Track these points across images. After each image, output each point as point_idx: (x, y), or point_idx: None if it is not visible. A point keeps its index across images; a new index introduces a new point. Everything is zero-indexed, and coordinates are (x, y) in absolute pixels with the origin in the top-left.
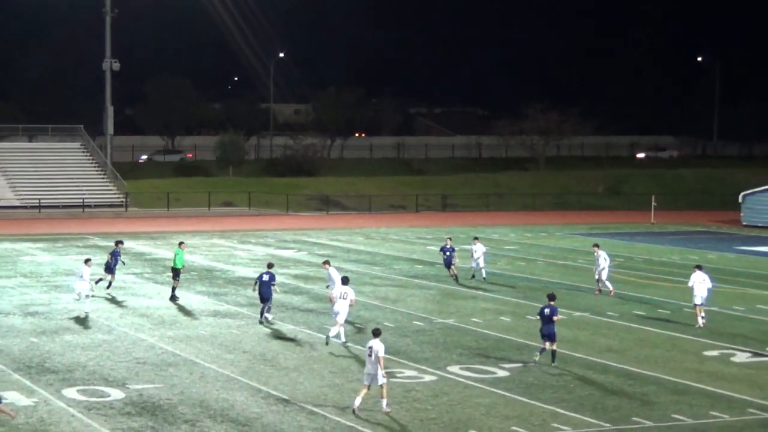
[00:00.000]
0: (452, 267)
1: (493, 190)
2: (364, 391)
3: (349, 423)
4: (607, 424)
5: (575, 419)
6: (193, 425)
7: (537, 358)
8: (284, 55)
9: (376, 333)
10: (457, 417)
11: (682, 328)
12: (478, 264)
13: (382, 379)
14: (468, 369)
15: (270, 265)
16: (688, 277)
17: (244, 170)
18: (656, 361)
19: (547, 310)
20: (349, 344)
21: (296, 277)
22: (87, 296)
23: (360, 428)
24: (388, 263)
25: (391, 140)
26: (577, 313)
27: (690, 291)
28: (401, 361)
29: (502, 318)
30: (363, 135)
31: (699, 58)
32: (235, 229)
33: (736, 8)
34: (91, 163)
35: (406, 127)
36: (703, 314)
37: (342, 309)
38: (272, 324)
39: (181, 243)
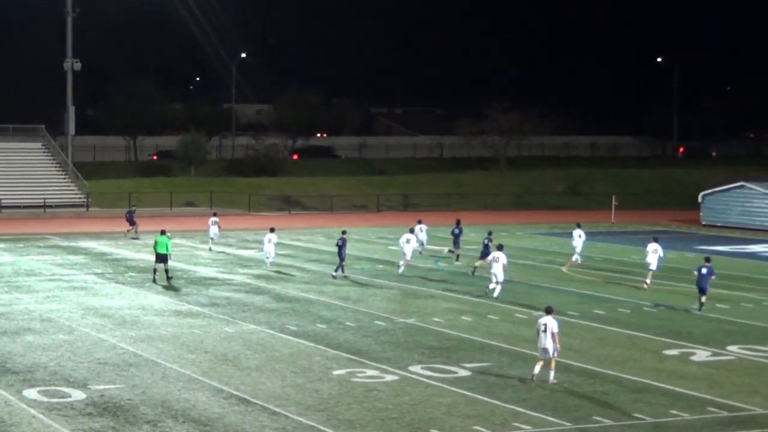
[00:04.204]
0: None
1: (454, 189)
2: (540, 363)
3: (310, 423)
4: (568, 423)
5: (536, 418)
6: (155, 425)
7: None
8: (246, 55)
9: (549, 311)
10: (419, 416)
11: (642, 328)
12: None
13: (553, 353)
14: (429, 368)
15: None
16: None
17: (207, 170)
18: (616, 360)
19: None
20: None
21: (258, 277)
22: None
23: (322, 428)
24: (349, 263)
25: (352, 140)
26: (538, 313)
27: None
28: (363, 360)
29: (463, 317)
30: (325, 135)
31: (659, 59)
32: (196, 229)
33: (695, 9)
34: (53, 163)
35: (368, 127)
36: (649, 280)
37: (498, 271)
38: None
39: (163, 231)
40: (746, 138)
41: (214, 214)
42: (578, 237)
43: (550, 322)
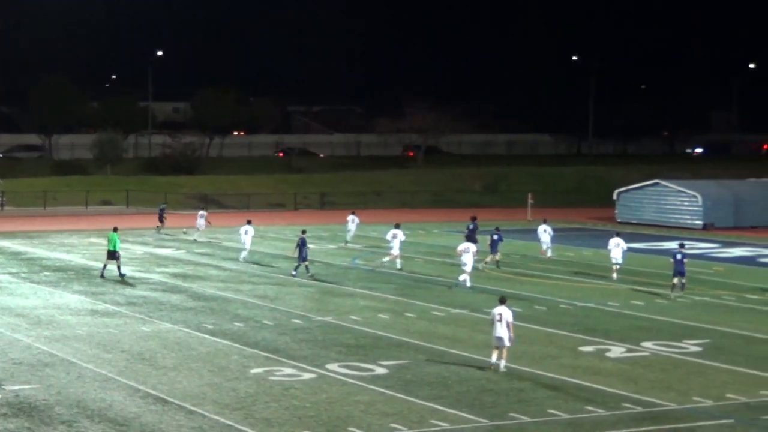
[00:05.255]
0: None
1: (372, 188)
2: (496, 352)
3: (227, 422)
4: (485, 420)
5: (453, 415)
6: (70, 426)
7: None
8: (163, 53)
9: (503, 300)
10: (336, 415)
11: (558, 325)
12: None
13: (508, 342)
14: (347, 366)
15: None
16: (563, 273)
17: (123, 169)
18: (533, 357)
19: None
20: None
21: (175, 275)
22: None
23: (239, 426)
24: (266, 261)
25: (270, 138)
26: (455, 310)
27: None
28: (280, 359)
29: (380, 315)
30: (242, 133)
31: (574, 57)
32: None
33: (612, 8)
34: None
35: (285, 125)
36: (615, 275)
37: (468, 260)
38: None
39: (115, 228)
40: (661, 137)
41: (203, 208)
42: (543, 232)
43: (505, 312)
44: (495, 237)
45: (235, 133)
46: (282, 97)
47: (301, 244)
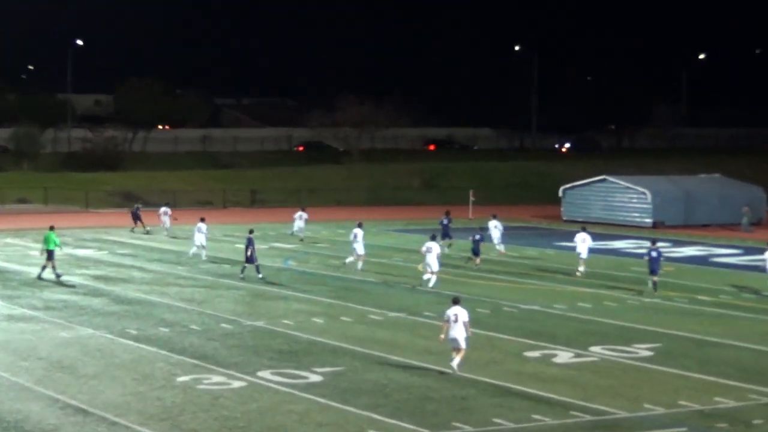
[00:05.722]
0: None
1: (305, 184)
2: (455, 353)
3: None
4: (426, 430)
5: (392, 425)
6: None
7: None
8: (84, 42)
9: (456, 300)
10: (268, 425)
11: (502, 329)
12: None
13: (464, 343)
14: (279, 374)
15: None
16: (507, 273)
17: (41, 165)
18: (476, 363)
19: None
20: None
21: (96, 278)
22: None
23: None
24: (193, 262)
25: (197, 133)
26: (393, 314)
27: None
28: (209, 366)
29: (314, 319)
30: (167, 128)
31: (516, 47)
32: (29, 227)
33: None
34: None
35: (213, 119)
36: (582, 268)
37: (432, 261)
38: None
39: (51, 227)
40: (607, 130)
41: (167, 204)
42: (494, 228)
43: (461, 312)
44: (477, 237)
45: (161, 127)
46: (210, 89)
47: (248, 245)
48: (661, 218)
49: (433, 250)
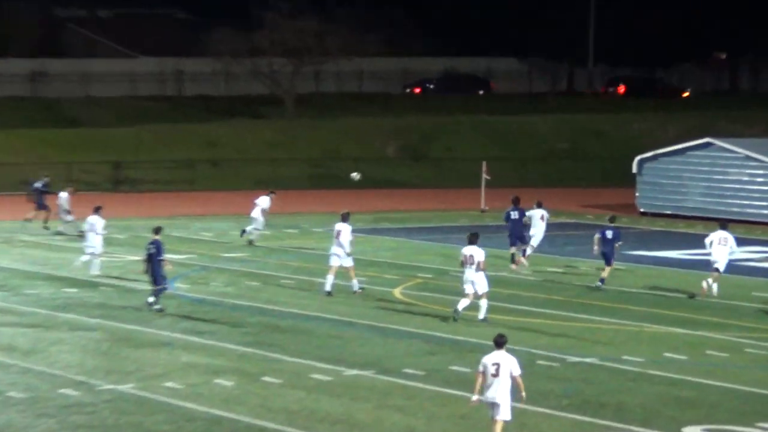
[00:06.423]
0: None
1: (202, 153)
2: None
3: None
4: None
5: None
6: None
7: None
8: None
9: (500, 343)
10: None
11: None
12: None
13: (508, 415)
14: None
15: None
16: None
17: None
18: None
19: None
20: None
21: None
22: None
23: None
24: (14, 285)
25: (23, 65)
26: (351, 371)
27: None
28: None
29: (217, 381)
30: None
31: None
32: None
33: None
34: None
35: (52, 42)
36: (714, 286)
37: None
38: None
39: None
40: (712, 63)
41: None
42: (540, 220)
43: (507, 361)
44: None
45: None
46: None
47: (152, 254)
48: None
49: (475, 258)
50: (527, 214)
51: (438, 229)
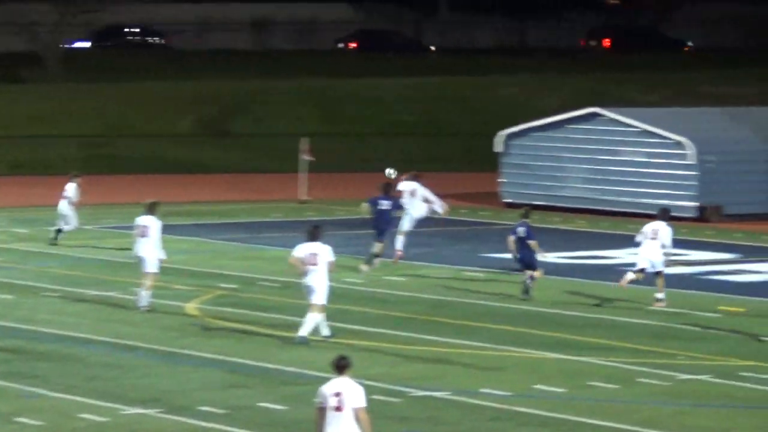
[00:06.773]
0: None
1: None
2: None
3: None
4: None
5: None
6: None
7: None
8: None
9: (342, 366)
10: None
11: None
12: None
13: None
14: None
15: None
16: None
17: None
18: None
19: None
20: None
21: None
22: None
23: None
24: None
25: None
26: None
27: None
28: None
29: None
30: None
31: None
32: None
33: None
34: None
35: None
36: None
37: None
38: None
39: None
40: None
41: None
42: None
43: (347, 391)
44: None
45: None
46: None
47: None
48: (716, 201)
49: (321, 259)
50: (399, 187)
51: (244, 226)
